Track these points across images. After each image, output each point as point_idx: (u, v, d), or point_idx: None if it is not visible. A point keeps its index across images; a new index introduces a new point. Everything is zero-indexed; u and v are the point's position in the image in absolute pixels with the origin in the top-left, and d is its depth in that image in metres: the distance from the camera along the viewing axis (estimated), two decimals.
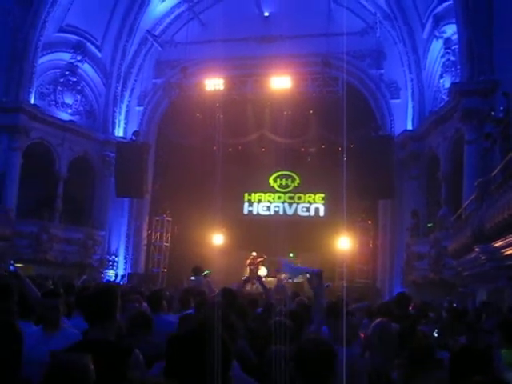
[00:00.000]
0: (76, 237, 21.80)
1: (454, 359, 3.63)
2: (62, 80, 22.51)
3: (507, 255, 9.35)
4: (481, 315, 8.21)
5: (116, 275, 22.79)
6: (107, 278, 22.05)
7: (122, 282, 20.74)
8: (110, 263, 23.25)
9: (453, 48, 17.89)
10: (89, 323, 3.61)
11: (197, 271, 14.66)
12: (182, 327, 3.93)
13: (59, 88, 22.47)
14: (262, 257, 21.53)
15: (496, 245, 9.72)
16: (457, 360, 3.60)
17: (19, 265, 18.44)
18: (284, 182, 25.59)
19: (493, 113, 13.70)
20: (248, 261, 21.49)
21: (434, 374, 3.97)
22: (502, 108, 12.32)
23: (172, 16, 24.08)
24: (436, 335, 6.63)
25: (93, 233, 22.45)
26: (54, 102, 22.33)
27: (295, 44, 21.56)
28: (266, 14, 23.08)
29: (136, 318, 5.21)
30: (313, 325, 5.49)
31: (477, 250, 10.80)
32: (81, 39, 22.41)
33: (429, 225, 18.95)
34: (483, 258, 10.71)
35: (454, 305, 11.14)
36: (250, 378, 3.60)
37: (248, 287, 19.89)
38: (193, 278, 14.40)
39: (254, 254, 21.52)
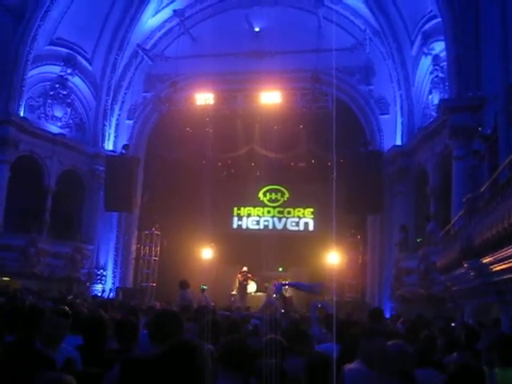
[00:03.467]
0: (64, 251, 21.59)
1: (451, 378, 3.60)
2: (51, 93, 22.42)
3: (496, 271, 9.38)
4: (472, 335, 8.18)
5: (103, 290, 22.61)
6: (95, 292, 21.86)
7: (110, 297, 20.61)
8: (98, 277, 23.05)
9: (441, 65, 18.07)
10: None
11: (183, 285, 14.64)
12: None
13: (49, 101, 22.38)
14: (250, 273, 21.55)
15: (485, 261, 9.75)
16: (453, 379, 3.58)
17: (6, 278, 18.39)
18: (273, 196, 25.62)
19: (480, 129, 13.83)
20: (239, 275, 21.45)
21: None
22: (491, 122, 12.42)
23: (163, 30, 24.14)
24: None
25: (81, 247, 22.26)
26: (43, 115, 22.24)
27: (285, 59, 21.69)
28: (257, 29, 23.19)
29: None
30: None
31: (466, 265, 10.83)
32: (71, 52, 22.36)
33: (418, 240, 19.01)
34: (472, 273, 10.74)
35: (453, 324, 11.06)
36: None
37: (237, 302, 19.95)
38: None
39: (245, 268, 21.49)
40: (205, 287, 18.48)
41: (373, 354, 4.22)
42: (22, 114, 20.61)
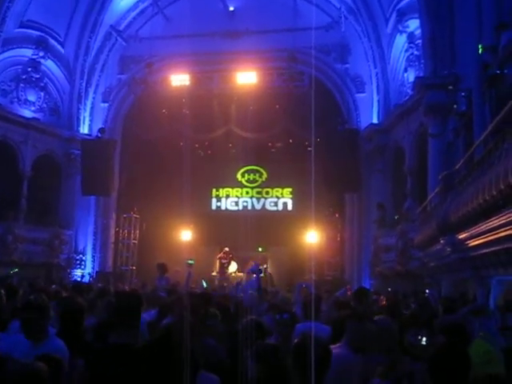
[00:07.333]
0: (42, 237, 21.40)
1: (435, 358, 3.61)
2: (24, 77, 22.00)
3: (471, 247, 9.53)
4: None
5: (83, 274, 22.52)
6: (75, 277, 21.75)
7: (89, 281, 20.54)
8: (78, 262, 22.92)
9: (416, 42, 18.12)
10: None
11: (161, 269, 14.54)
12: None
13: (21, 85, 21.97)
14: (231, 254, 21.67)
15: (460, 237, 9.89)
16: (438, 359, 3.59)
17: None
18: (252, 176, 25.65)
19: (455, 106, 13.93)
20: (220, 254, 21.54)
21: None
22: (463, 95, 12.51)
23: (136, 11, 23.75)
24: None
25: (59, 232, 22.07)
26: (16, 99, 21.84)
27: (261, 39, 21.54)
28: (231, 8, 22.94)
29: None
30: None
31: (442, 241, 10.99)
32: (43, 35, 21.91)
33: (395, 217, 19.21)
34: (448, 249, 10.90)
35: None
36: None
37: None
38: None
39: (227, 249, 21.58)
40: (191, 262, 18.34)
41: (360, 337, 4.28)
42: None
